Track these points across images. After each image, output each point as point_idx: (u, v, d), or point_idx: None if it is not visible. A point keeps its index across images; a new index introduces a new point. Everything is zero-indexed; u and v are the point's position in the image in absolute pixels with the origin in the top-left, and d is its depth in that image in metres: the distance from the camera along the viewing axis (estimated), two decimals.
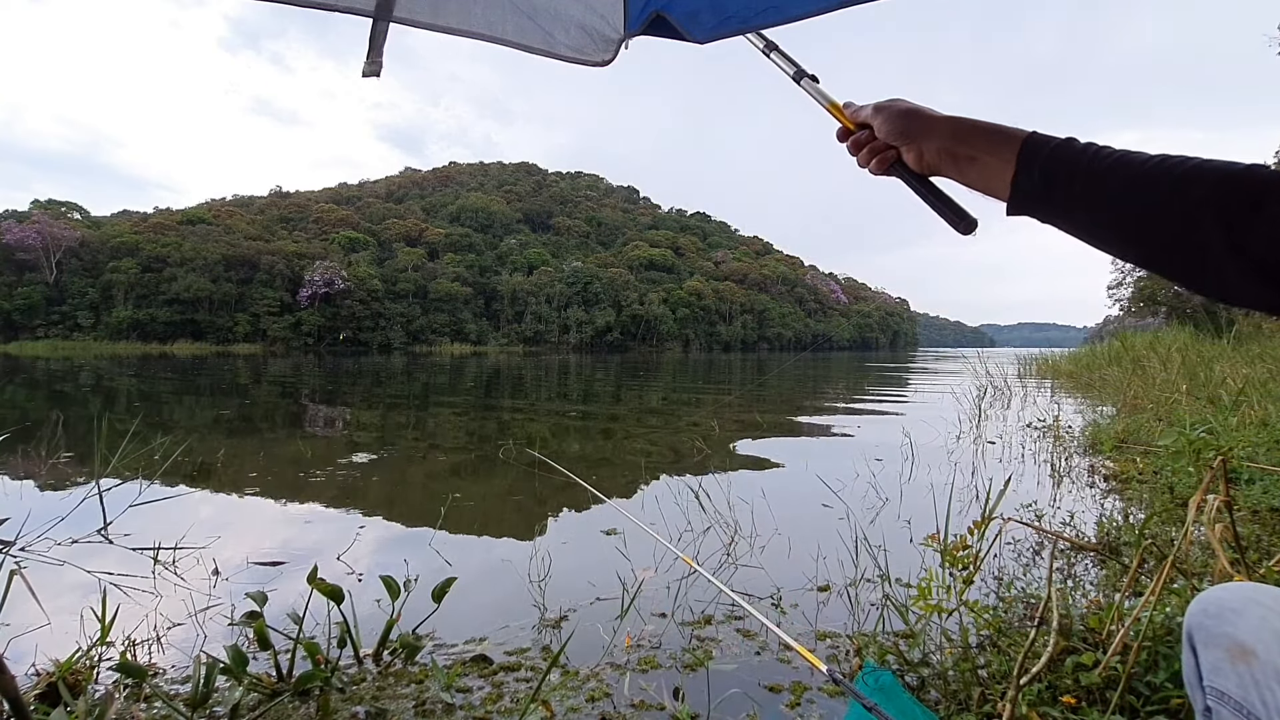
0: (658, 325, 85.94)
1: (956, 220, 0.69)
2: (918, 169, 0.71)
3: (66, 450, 4.85)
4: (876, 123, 0.73)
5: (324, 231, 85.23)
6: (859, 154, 0.76)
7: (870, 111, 0.74)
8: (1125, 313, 22.43)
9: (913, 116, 0.70)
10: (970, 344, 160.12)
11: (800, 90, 0.84)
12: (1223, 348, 7.46)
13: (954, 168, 0.68)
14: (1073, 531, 2.76)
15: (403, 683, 1.63)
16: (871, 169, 0.75)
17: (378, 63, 0.96)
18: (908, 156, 0.71)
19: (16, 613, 1.82)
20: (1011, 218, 0.64)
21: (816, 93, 0.82)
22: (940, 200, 0.70)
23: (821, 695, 1.57)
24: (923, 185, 0.71)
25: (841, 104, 0.79)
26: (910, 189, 0.72)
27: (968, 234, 0.69)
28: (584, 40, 1.11)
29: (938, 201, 0.70)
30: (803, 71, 0.84)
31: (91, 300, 65.12)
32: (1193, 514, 1.50)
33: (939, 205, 0.70)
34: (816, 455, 5.05)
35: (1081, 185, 0.57)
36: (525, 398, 10.56)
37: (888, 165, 0.73)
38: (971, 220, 0.68)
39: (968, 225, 0.68)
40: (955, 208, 0.69)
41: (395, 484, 4.00)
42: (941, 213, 0.70)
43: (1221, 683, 0.67)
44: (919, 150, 0.70)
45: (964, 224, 0.68)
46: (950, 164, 0.68)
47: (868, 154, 0.75)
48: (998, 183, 0.63)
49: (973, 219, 0.68)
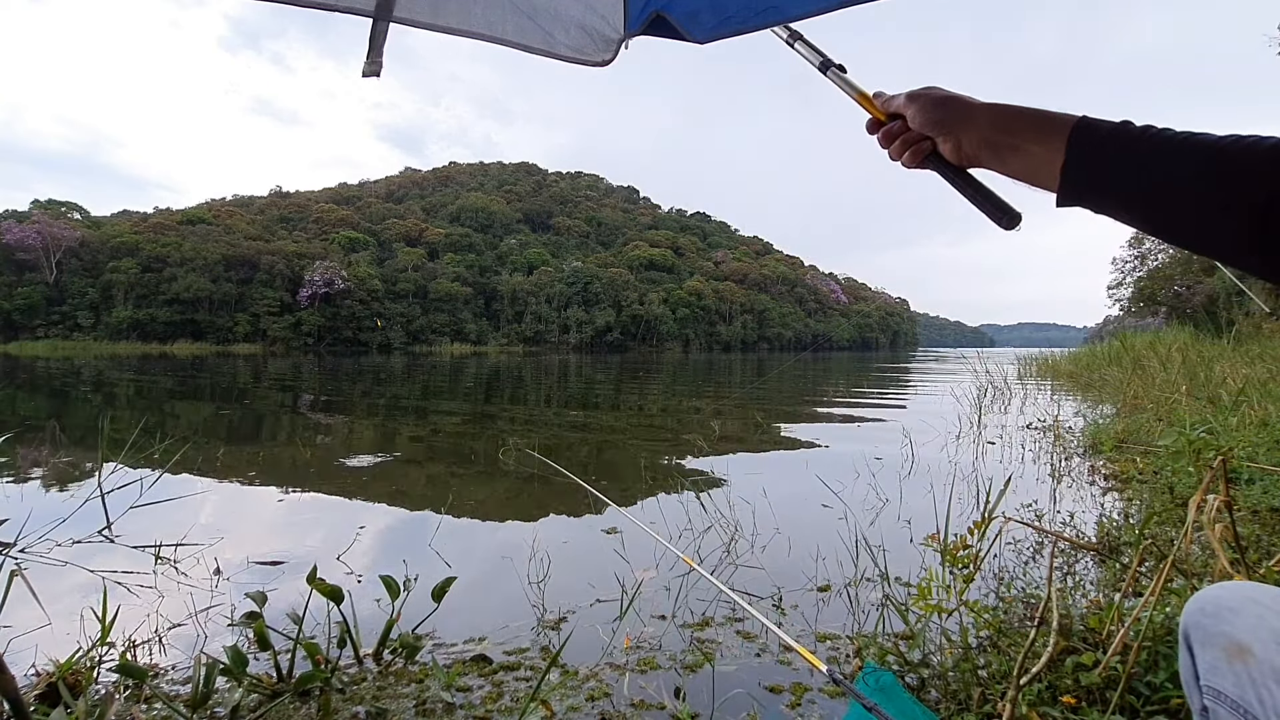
0: (658, 325, 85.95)
1: (999, 215, 0.65)
2: (955, 161, 0.67)
3: (67, 451, 4.85)
4: (910, 112, 0.69)
5: (324, 231, 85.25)
6: (891, 146, 0.72)
7: (903, 101, 0.70)
8: (1125, 313, 22.46)
9: (949, 105, 0.66)
10: (970, 344, 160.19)
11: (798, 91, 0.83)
12: (1223, 348, 7.46)
13: (995, 158, 0.64)
14: (1073, 531, 2.76)
15: (403, 682, 1.63)
16: (904, 162, 0.71)
17: (378, 63, 0.96)
18: (944, 148, 0.67)
19: (17, 613, 1.82)
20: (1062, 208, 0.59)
21: (844, 83, 0.78)
22: (980, 194, 0.66)
23: (822, 696, 1.57)
24: (961, 178, 0.67)
25: (871, 94, 0.75)
26: (947, 182, 0.68)
27: (1011, 229, 0.65)
28: (584, 40, 1.11)
29: (978, 195, 0.66)
30: (829, 61, 0.81)
31: (91, 300, 65.14)
32: (1193, 514, 1.50)
33: (979, 199, 0.66)
34: (816, 455, 5.05)
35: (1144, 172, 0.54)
36: (524, 403, 10.56)
37: (922, 157, 0.69)
38: (1015, 214, 0.64)
39: (1011, 220, 0.64)
40: (997, 201, 0.65)
41: (395, 484, 4.00)
42: (982, 207, 0.66)
43: (1218, 682, 0.66)
44: (957, 141, 0.66)
45: (1007, 219, 0.64)
46: (991, 154, 0.64)
47: (900, 146, 0.71)
48: (1045, 173, 0.60)
49: (1016, 213, 0.64)
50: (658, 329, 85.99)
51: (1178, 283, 18.48)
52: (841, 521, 2.96)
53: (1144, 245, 21.46)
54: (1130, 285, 22.00)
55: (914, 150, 0.70)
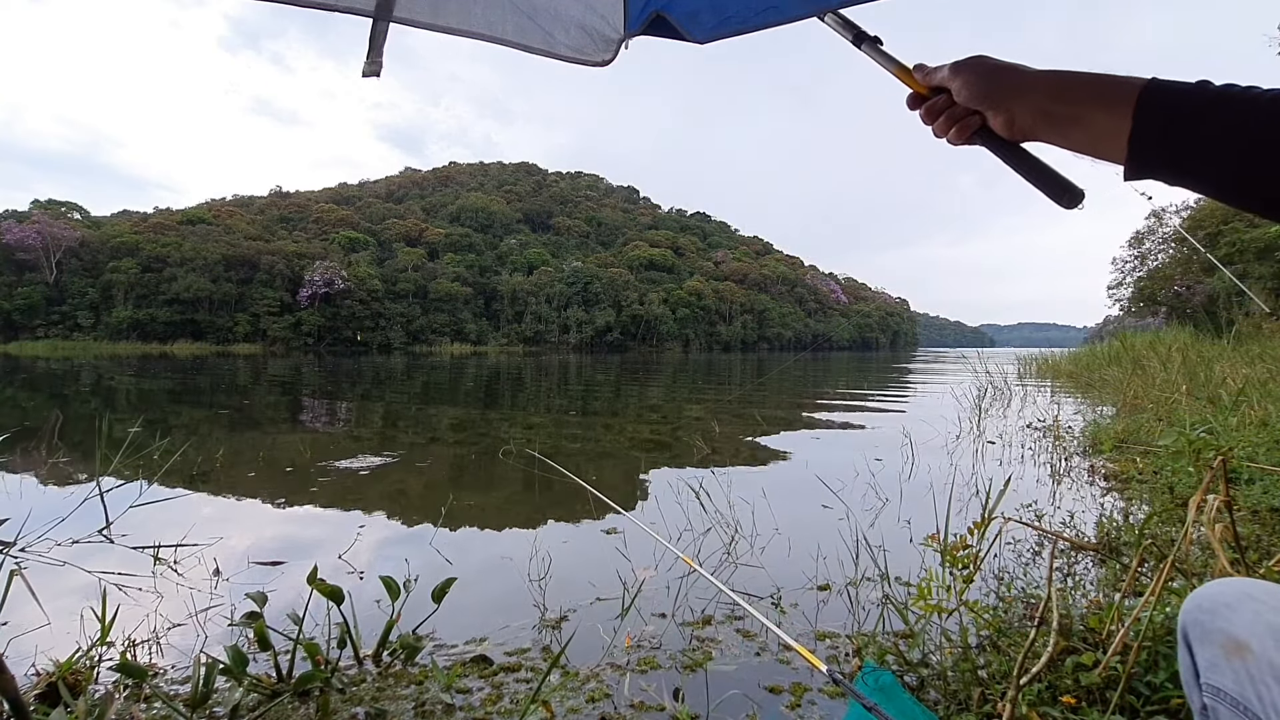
0: (658, 325, 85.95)
1: (1059, 193, 0.60)
2: (1007, 135, 0.62)
3: (67, 451, 4.85)
4: (955, 85, 0.64)
5: (324, 231, 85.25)
6: (934, 123, 0.67)
7: (947, 73, 0.65)
8: (1125, 313, 22.46)
9: (1000, 75, 0.61)
10: (970, 344, 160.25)
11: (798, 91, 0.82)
12: (1223, 348, 7.46)
13: (1053, 130, 0.59)
14: (1073, 531, 2.76)
15: (403, 683, 1.63)
16: (950, 139, 0.66)
17: (378, 63, 0.96)
18: (995, 122, 0.62)
19: (17, 613, 1.82)
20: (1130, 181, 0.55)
21: (881, 56, 0.74)
22: (1037, 171, 0.62)
23: (821, 695, 1.56)
24: (1014, 155, 0.63)
25: (911, 66, 0.70)
26: (999, 159, 0.64)
27: (1072, 208, 0.60)
28: (584, 40, 1.11)
29: (1034, 172, 0.62)
30: (863, 34, 0.77)
31: (91, 300, 65.15)
32: (1193, 514, 1.50)
33: (1036, 176, 0.61)
34: (816, 455, 5.05)
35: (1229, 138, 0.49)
36: (523, 409, 10.57)
37: (970, 133, 0.65)
38: (1078, 192, 0.60)
39: (1073, 198, 0.60)
40: (1056, 178, 0.60)
41: (395, 484, 4.00)
42: (1039, 185, 0.61)
43: (1218, 679, 0.66)
44: (1009, 114, 0.61)
45: (1068, 197, 0.60)
46: (1048, 127, 0.59)
47: (946, 122, 0.66)
48: (1110, 143, 0.55)
49: (1078, 190, 0.60)
50: (658, 329, 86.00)
51: (1178, 283, 18.47)
52: (842, 521, 2.96)
53: (1144, 245, 21.47)
54: (1130, 285, 22.01)
55: (960, 126, 0.65)
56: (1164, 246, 20.51)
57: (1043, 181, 0.61)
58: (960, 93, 0.64)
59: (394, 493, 3.78)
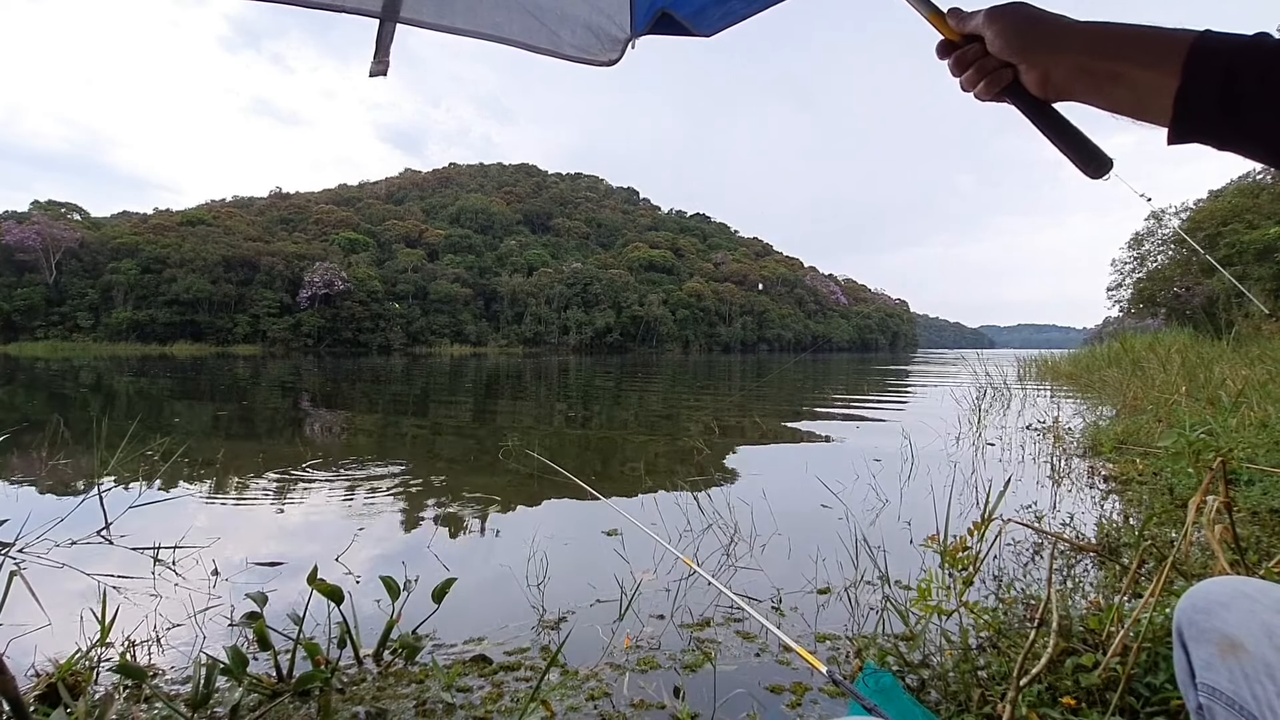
0: (657, 326, 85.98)
1: (1086, 160, 0.58)
2: (1040, 93, 0.58)
3: (66, 452, 4.85)
4: (989, 34, 0.59)
5: (324, 232, 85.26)
6: (964, 74, 0.62)
7: (982, 20, 0.60)
8: (1125, 314, 22.45)
9: (1038, 26, 0.57)
10: (970, 345, 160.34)
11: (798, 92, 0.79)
12: (1222, 349, 7.46)
13: (1093, 89, 0.55)
14: (1072, 533, 2.76)
15: (403, 683, 1.63)
16: (978, 93, 0.62)
17: (385, 62, 0.96)
18: (1028, 78, 0.58)
19: (16, 614, 1.82)
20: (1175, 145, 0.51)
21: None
22: (1065, 134, 0.58)
23: (822, 696, 1.56)
24: (1044, 115, 0.59)
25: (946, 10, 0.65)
26: (1027, 118, 0.60)
27: (1098, 177, 0.58)
28: (590, 40, 1.11)
29: (1062, 136, 0.59)
30: None
31: (91, 301, 65.15)
32: (1192, 515, 1.51)
33: (1064, 141, 0.58)
34: (816, 456, 5.05)
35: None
36: (523, 414, 10.56)
37: (999, 88, 0.60)
38: (1105, 160, 0.57)
39: (1100, 167, 0.57)
40: (1085, 144, 0.58)
41: (395, 485, 4.00)
42: (1066, 151, 0.58)
43: (1213, 678, 0.66)
44: (1044, 70, 0.56)
45: (1095, 165, 0.57)
46: (1087, 85, 0.55)
47: (975, 74, 0.61)
48: (1154, 103, 0.51)
49: (1107, 159, 0.57)
50: (657, 330, 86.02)
51: (1177, 284, 18.48)
52: (841, 523, 2.96)
53: (1143, 247, 21.47)
54: (1130, 287, 22.00)
55: (990, 79, 0.60)
56: (1163, 248, 20.51)
57: (1071, 147, 0.58)
58: (994, 43, 0.59)
59: (394, 493, 3.78)
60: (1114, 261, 22.80)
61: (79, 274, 66.30)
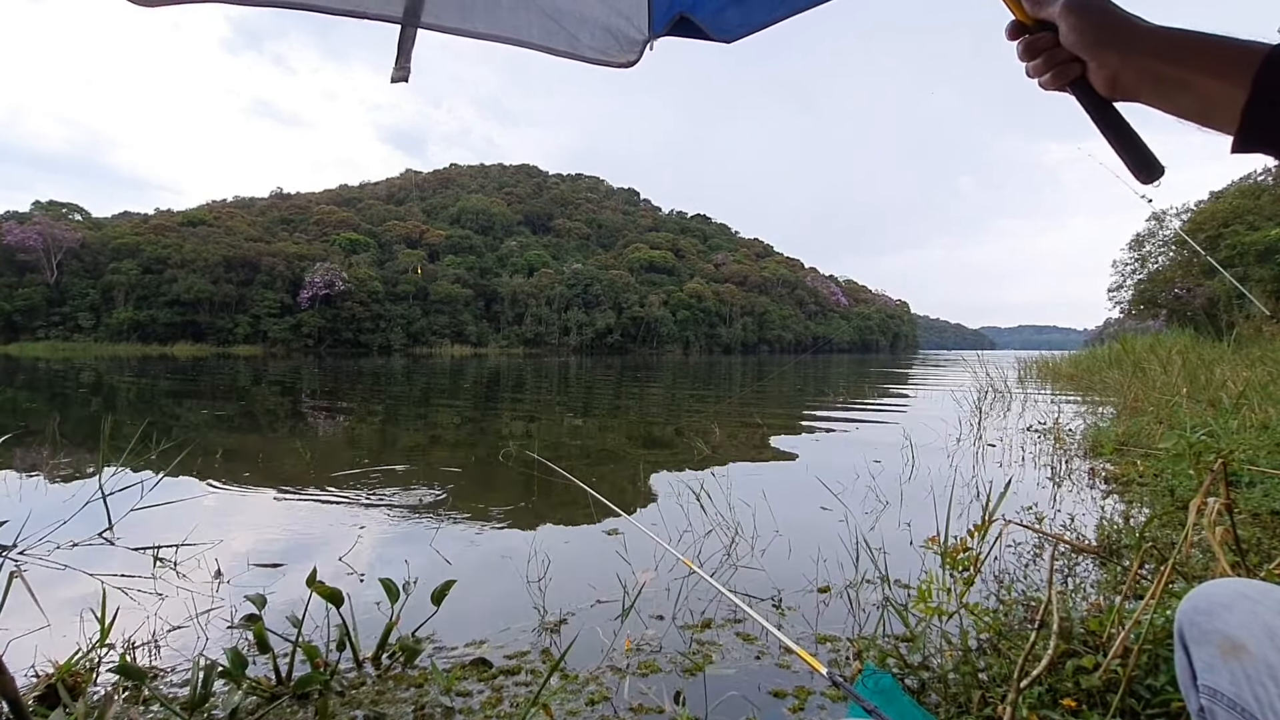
0: (658, 327, 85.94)
1: (1140, 165, 0.57)
2: (1106, 92, 0.57)
3: (67, 452, 4.85)
4: (1065, 25, 0.58)
5: (324, 233, 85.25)
6: (1031, 61, 0.61)
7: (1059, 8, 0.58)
8: (1126, 315, 22.43)
9: (1113, 23, 0.56)
10: (971, 346, 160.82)
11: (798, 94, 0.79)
12: (1223, 350, 7.45)
13: (1159, 94, 0.55)
14: (1073, 534, 2.76)
15: (402, 686, 1.62)
16: (1043, 83, 0.61)
17: (406, 68, 0.96)
18: (1097, 76, 0.57)
19: (16, 614, 1.82)
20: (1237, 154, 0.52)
21: None
22: (1124, 137, 0.58)
23: (822, 698, 1.56)
24: (1106, 115, 0.58)
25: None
26: (1088, 115, 0.59)
27: (1149, 183, 0.58)
28: (608, 42, 1.11)
29: (1120, 139, 0.58)
30: None
31: (92, 301, 65.17)
32: (1193, 517, 1.50)
33: (1123, 144, 0.58)
34: (816, 457, 5.05)
35: None
36: (523, 419, 10.55)
37: (1065, 82, 0.59)
38: (1158, 167, 0.57)
39: (1152, 173, 0.57)
40: (1140, 150, 0.57)
41: (395, 485, 4.00)
42: (1121, 154, 0.58)
43: (1215, 680, 0.66)
44: (1113, 70, 0.56)
45: (1147, 171, 0.57)
46: (1154, 89, 0.55)
47: (1044, 63, 0.60)
48: (1221, 112, 0.52)
49: (1159, 166, 0.57)
50: (658, 331, 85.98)
51: (1178, 285, 18.46)
52: (842, 524, 2.96)
53: (1144, 248, 21.45)
54: (1130, 288, 21.98)
55: (1058, 71, 0.59)
56: (1164, 249, 20.49)
57: (1128, 150, 0.58)
58: (1067, 35, 0.58)
59: (394, 494, 3.78)
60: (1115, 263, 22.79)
61: (80, 274, 66.32)
